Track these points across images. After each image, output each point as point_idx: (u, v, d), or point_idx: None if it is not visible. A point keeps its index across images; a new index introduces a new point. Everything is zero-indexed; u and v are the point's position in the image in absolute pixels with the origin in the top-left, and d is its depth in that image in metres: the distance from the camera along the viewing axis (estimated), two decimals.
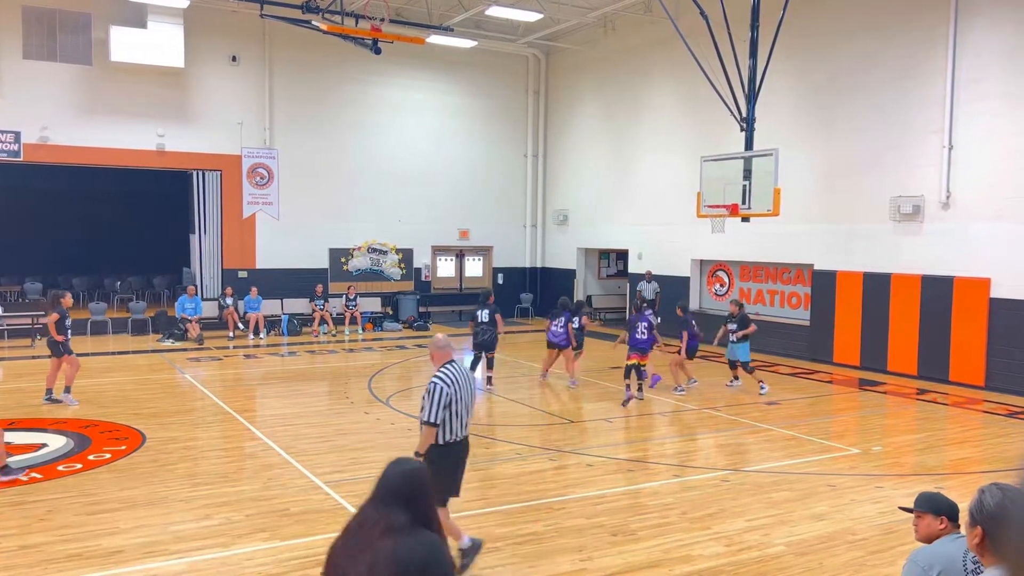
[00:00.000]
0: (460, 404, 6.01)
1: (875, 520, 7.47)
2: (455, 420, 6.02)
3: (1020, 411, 12.49)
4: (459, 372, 6.12)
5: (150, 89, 20.14)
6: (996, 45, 13.99)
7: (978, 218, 14.30)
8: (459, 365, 6.18)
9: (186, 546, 6.67)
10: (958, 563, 3.44)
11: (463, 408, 6.06)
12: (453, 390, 5.96)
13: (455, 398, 5.97)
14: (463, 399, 6.05)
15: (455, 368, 6.12)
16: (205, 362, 16.59)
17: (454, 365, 6.14)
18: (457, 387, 6.00)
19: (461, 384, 6.05)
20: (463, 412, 6.07)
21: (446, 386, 5.94)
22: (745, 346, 13.61)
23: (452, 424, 6.01)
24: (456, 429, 6.05)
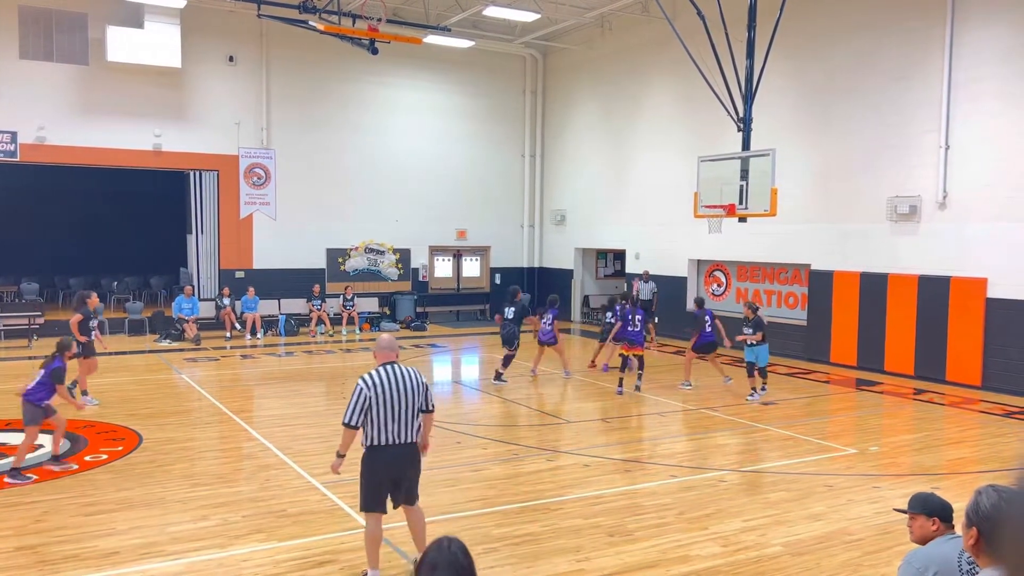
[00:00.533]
0: (384, 409, 5.70)
1: (872, 520, 7.48)
2: (379, 425, 5.72)
3: (1016, 411, 12.51)
4: (391, 376, 5.79)
5: (147, 89, 20.11)
6: (992, 46, 14.01)
7: (975, 218, 14.32)
8: (397, 369, 5.85)
9: (183, 547, 6.66)
10: (953, 564, 3.44)
11: (388, 414, 5.71)
12: (373, 394, 5.70)
13: (376, 403, 5.69)
14: (388, 404, 5.71)
15: (388, 371, 5.81)
16: (202, 362, 16.57)
17: (388, 368, 5.83)
18: (380, 391, 5.71)
19: (387, 388, 5.72)
20: (388, 418, 5.72)
21: (365, 388, 5.71)
22: (763, 349, 13.10)
23: (375, 428, 5.73)
24: (381, 434, 5.73)
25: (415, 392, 5.85)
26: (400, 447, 5.81)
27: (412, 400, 5.82)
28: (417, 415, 5.89)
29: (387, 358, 5.92)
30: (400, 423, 5.77)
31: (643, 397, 13.34)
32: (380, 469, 5.82)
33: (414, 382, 5.88)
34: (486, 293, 25.46)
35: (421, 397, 5.90)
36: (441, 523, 7.28)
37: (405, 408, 5.78)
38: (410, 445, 5.88)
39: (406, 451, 5.86)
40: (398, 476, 5.88)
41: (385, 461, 5.80)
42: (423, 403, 5.93)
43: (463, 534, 6.95)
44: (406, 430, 5.81)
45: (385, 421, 5.72)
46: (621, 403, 13.12)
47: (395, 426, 5.75)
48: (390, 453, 5.78)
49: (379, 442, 5.75)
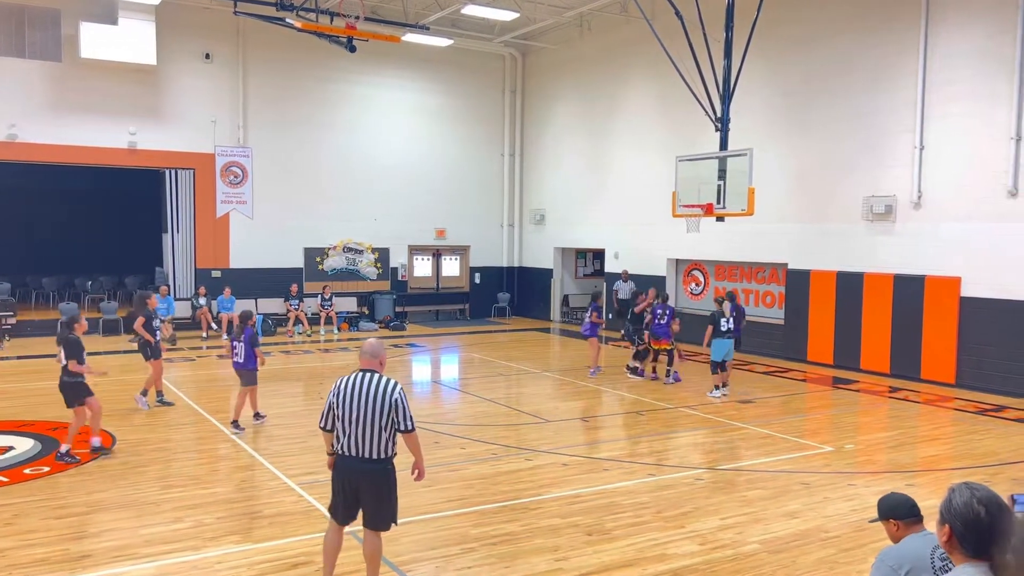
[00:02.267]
0: (341, 417, 5.42)
1: (848, 518, 7.53)
2: (338, 432, 5.47)
3: (990, 408, 12.66)
4: (356, 385, 5.45)
5: (121, 87, 19.87)
6: (966, 48, 14.16)
7: (949, 218, 14.47)
8: (367, 379, 5.46)
9: (156, 550, 6.57)
10: (926, 560, 3.45)
11: (344, 422, 5.41)
12: (336, 399, 5.46)
13: (335, 409, 5.46)
14: (345, 413, 5.40)
15: (357, 379, 5.49)
16: (178, 362, 16.40)
17: (359, 376, 5.50)
18: (341, 398, 5.43)
19: (347, 396, 5.42)
20: (345, 427, 5.41)
21: (332, 394, 5.51)
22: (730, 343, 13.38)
23: (336, 435, 5.50)
24: (339, 442, 5.48)
25: (379, 407, 5.38)
26: (356, 460, 5.42)
27: (375, 414, 5.37)
28: (384, 431, 5.40)
29: (366, 365, 5.60)
30: (357, 435, 5.38)
31: (624, 396, 13.38)
32: (339, 478, 5.54)
33: (382, 395, 5.40)
34: (465, 293, 25.41)
35: (389, 414, 5.40)
36: (419, 523, 7.25)
37: (363, 421, 5.37)
38: (372, 461, 5.41)
39: (364, 467, 5.42)
40: (355, 489, 5.49)
41: (342, 471, 5.51)
42: (399, 422, 5.44)
43: (440, 534, 6.97)
44: (366, 445, 5.38)
45: (344, 430, 5.43)
46: (599, 402, 13.15)
47: (354, 437, 5.39)
48: (349, 464, 5.46)
49: (339, 450, 5.51)
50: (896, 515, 3.80)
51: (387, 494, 5.53)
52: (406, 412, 5.46)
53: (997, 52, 13.66)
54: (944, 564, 3.27)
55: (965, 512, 2.67)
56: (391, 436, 5.45)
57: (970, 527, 2.66)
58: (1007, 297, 13.63)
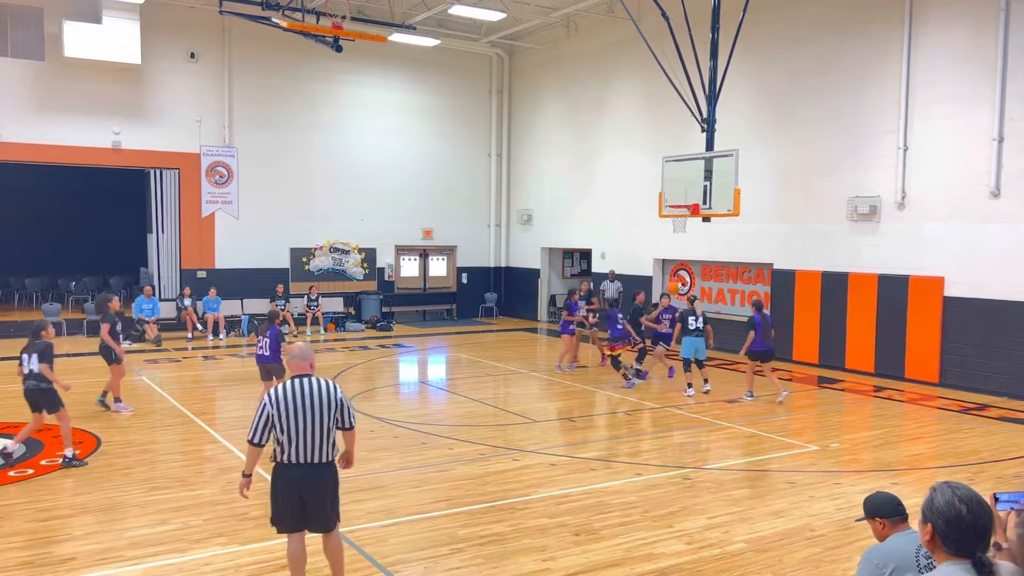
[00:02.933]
0: (289, 426, 5.25)
1: (833, 516, 7.58)
2: (284, 443, 5.28)
3: (972, 407, 12.78)
4: (299, 390, 5.31)
5: (105, 86, 19.74)
6: (948, 49, 14.28)
7: (932, 218, 14.60)
8: (308, 383, 5.36)
9: (141, 552, 6.54)
10: (911, 559, 3.49)
11: (293, 431, 5.25)
12: (276, 410, 5.26)
13: (280, 419, 5.25)
14: (294, 421, 5.25)
15: (296, 385, 5.34)
16: (163, 364, 16.31)
17: (298, 382, 5.36)
18: (285, 407, 5.26)
19: (293, 404, 5.27)
20: (294, 436, 5.25)
21: (268, 404, 5.29)
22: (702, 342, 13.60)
23: (281, 446, 5.31)
24: (286, 452, 5.30)
25: (327, 408, 5.32)
26: (308, 467, 5.30)
27: (323, 417, 5.30)
28: (331, 433, 5.37)
29: (299, 369, 5.44)
30: (308, 442, 5.27)
31: (612, 396, 13.43)
32: (287, 489, 5.34)
33: (327, 397, 5.35)
34: (453, 293, 25.39)
35: (336, 413, 5.38)
36: (407, 524, 7.25)
37: (314, 426, 5.27)
38: (321, 466, 5.34)
39: (315, 472, 5.33)
40: (305, 498, 5.35)
41: (291, 481, 5.32)
42: (340, 420, 5.42)
43: (428, 535, 6.97)
44: (316, 449, 5.29)
45: (290, 439, 5.25)
46: (587, 402, 13.18)
47: (302, 445, 5.26)
48: (296, 472, 5.31)
49: (285, 459, 5.32)
50: (881, 514, 3.85)
51: (333, 496, 5.50)
52: (350, 410, 5.51)
53: (979, 53, 13.78)
54: (928, 562, 3.31)
55: (947, 511, 2.71)
56: (333, 437, 5.43)
57: (952, 526, 2.69)
58: (989, 297, 13.76)
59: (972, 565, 2.63)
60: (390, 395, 13.95)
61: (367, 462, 9.27)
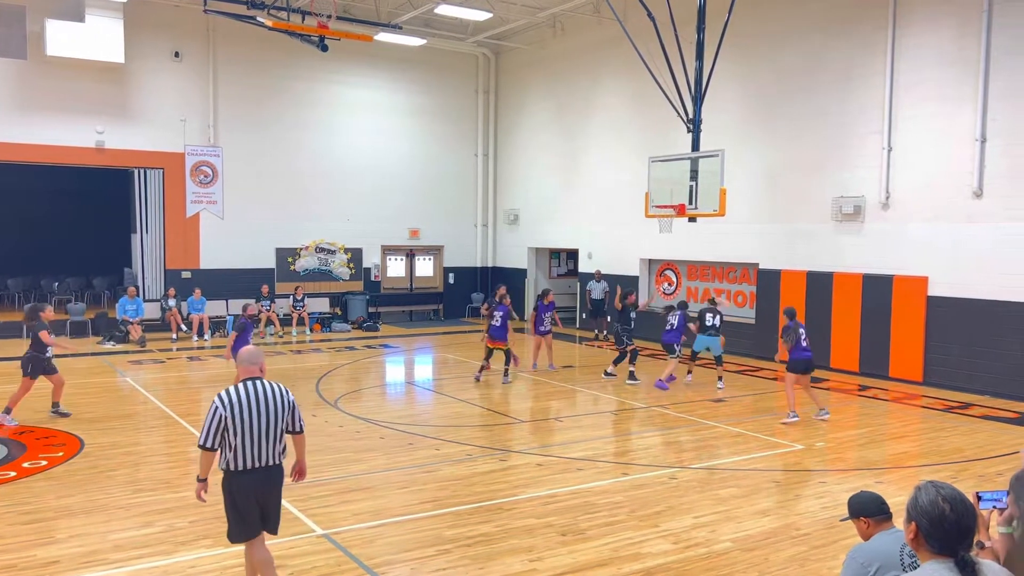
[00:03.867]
0: (242, 430, 5.15)
1: (818, 515, 7.62)
2: (237, 447, 5.17)
3: (956, 406, 12.88)
4: (251, 393, 5.22)
5: (88, 85, 19.58)
6: (932, 50, 14.39)
7: (916, 218, 14.70)
8: (259, 386, 5.27)
9: (126, 555, 6.49)
10: (895, 558, 3.51)
11: (247, 435, 5.16)
12: (229, 414, 5.15)
13: (233, 423, 5.15)
14: (247, 425, 5.16)
15: (248, 388, 5.24)
16: (147, 365, 16.21)
17: (249, 385, 5.26)
18: (238, 410, 5.15)
19: (246, 407, 5.17)
20: (248, 440, 5.17)
21: (221, 407, 5.16)
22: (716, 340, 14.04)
23: (234, 451, 5.19)
24: (240, 458, 5.19)
25: (280, 411, 5.29)
26: (263, 471, 5.27)
27: (276, 420, 5.26)
28: (282, 436, 5.34)
29: (249, 373, 5.34)
30: (262, 445, 5.22)
31: (597, 395, 13.46)
32: (245, 496, 5.26)
33: (279, 400, 5.30)
34: (439, 293, 25.36)
35: (288, 416, 5.34)
36: (393, 525, 7.23)
37: (268, 429, 5.23)
38: (273, 468, 5.32)
39: (270, 474, 5.31)
40: (262, 502, 5.32)
41: (248, 487, 5.25)
42: (290, 423, 5.37)
43: (415, 536, 6.96)
44: (269, 452, 5.27)
45: (244, 443, 5.17)
46: (574, 402, 13.20)
47: (256, 448, 5.20)
48: (253, 478, 5.24)
49: (239, 466, 5.21)
50: (866, 513, 3.87)
51: (280, 497, 5.53)
52: (299, 413, 5.48)
53: (963, 54, 13.90)
54: (912, 561, 3.33)
55: (931, 510, 2.73)
56: (283, 439, 5.41)
57: (935, 524, 2.71)
58: (973, 296, 13.87)
59: (955, 564, 2.65)
60: (376, 396, 13.92)
61: (353, 463, 9.25)
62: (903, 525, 2.89)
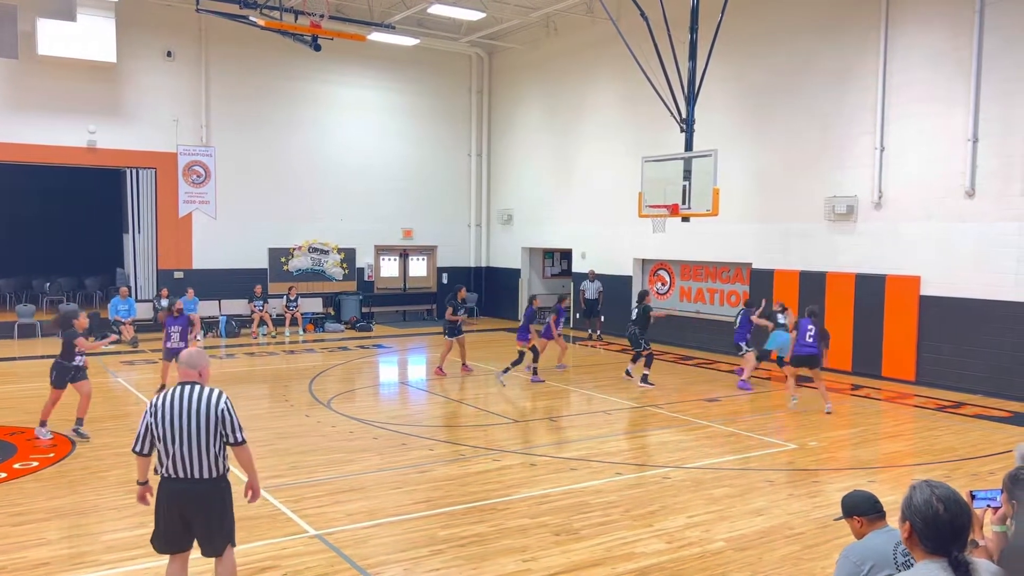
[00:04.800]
0: (165, 437, 4.97)
1: (812, 514, 7.63)
2: (161, 454, 5.01)
3: (948, 405, 12.91)
4: (177, 399, 5.00)
5: (80, 84, 19.50)
6: (924, 50, 14.43)
7: (908, 218, 14.74)
8: (189, 392, 5.02)
9: (117, 556, 6.46)
10: (889, 557, 3.52)
11: (169, 442, 4.96)
12: (154, 419, 5.00)
13: (156, 429, 4.99)
14: (169, 432, 4.95)
15: (177, 394, 5.03)
16: (139, 365, 16.14)
17: (179, 390, 5.05)
18: (161, 416, 4.98)
19: (169, 413, 4.97)
20: (171, 447, 4.96)
21: (148, 414, 5.03)
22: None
23: (159, 458, 5.03)
24: (164, 465, 5.01)
25: (205, 421, 4.96)
26: (187, 483, 4.99)
27: (200, 429, 4.96)
28: (212, 447, 5.00)
29: (185, 377, 5.11)
30: (182, 455, 4.96)
31: (591, 395, 13.46)
32: (167, 505, 5.06)
33: (205, 409, 4.98)
34: (433, 293, 25.33)
35: (216, 427, 5.00)
36: (387, 525, 7.22)
37: (191, 438, 4.95)
38: (202, 482, 5.00)
39: (196, 488, 5.00)
40: (187, 516, 5.05)
41: (170, 496, 5.03)
42: (227, 435, 5.04)
43: (409, 536, 6.94)
44: (195, 464, 4.97)
45: (167, 450, 4.97)
46: (567, 402, 13.19)
47: (179, 457, 4.96)
48: (176, 488, 5.01)
49: (164, 473, 5.03)
50: (858, 512, 3.87)
51: (222, 514, 5.14)
52: (234, 423, 5.06)
53: (955, 55, 13.93)
54: (906, 560, 3.33)
55: (925, 509, 2.73)
56: (221, 452, 5.06)
57: (930, 524, 2.71)
58: (965, 296, 13.91)
59: (949, 563, 2.65)
60: (370, 396, 13.89)
61: (347, 463, 9.23)
62: (898, 524, 2.89)
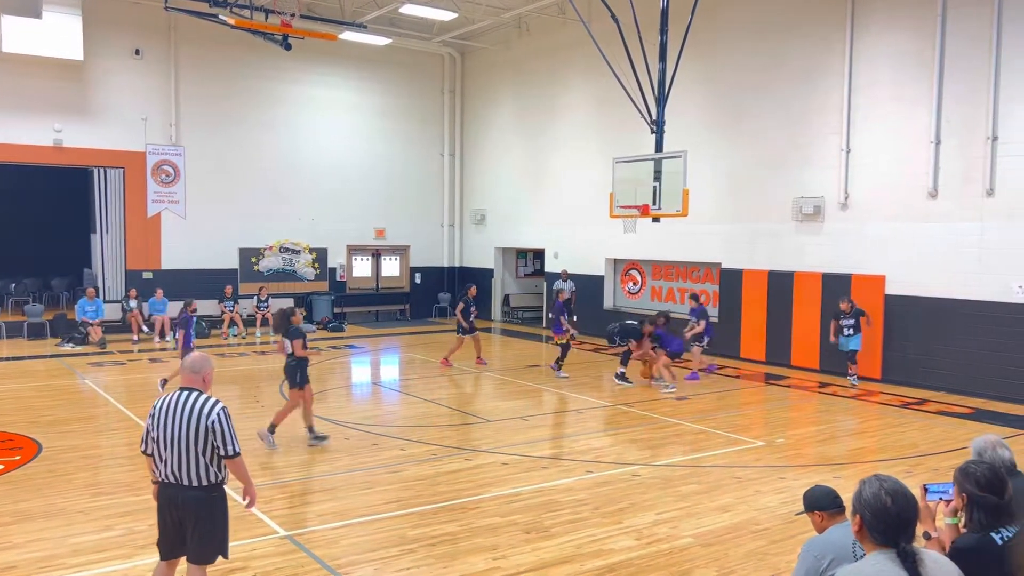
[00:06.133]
0: (159, 440, 5.00)
1: (778, 510, 7.76)
2: (156, 457, 5.04)
3: (912, 402, 13.16)
4: (172, 405, 5.01)
5: (47, 82, 19.23)
6: (888, 52, 14.69)
7: (874, 218, 14.99)
8: (185, 398, 5.00)
9: (85, 559, 6.41)
10: (848, 549, 3.62)
11: (162, 446, 4.98)
12: (152, 422, 5.04)
13: (153, 431, 5.02)
14: (161, 436, 4.97)
15: (175, 399, 5.03)
16: (108, 367, 15.96)
17: (178, 395, 5.04)
18: (158, 420, 5.01)
19: (164, 418, 4.99)
20: (163, 451, 4.98)
21: (149, 416, 5.09)
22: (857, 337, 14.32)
23: (156, 462, 5.06)
24: (160, 469, 5.03)
25: (195, 430, 4.92)
26: (177, 488, 4.99)
27: (188, 437, 4.92)
28: (202, 456, 4.96)
29: (186, 382, 5.12)
30: (173, 460, 4.96)
31: (565, 394, 13.54)
32: (161, 508, 5.11)
33: (197, 418, 4.94)
34: (406, 293, 25.29)
35: (207, 438, 4.94)
36: (357, 526, 7.23)
37: (182, 445, 4.94)
38: (192, 489, 4.97)
39: (187, 495, 4.98)
40: (179, 521, 5.03)
41: (164, 500, 5.06)
42: (219, 447, 4.97)
43: (379, 536, 6.96)
44: (184, 470, 4.96)
45: (160, 455, 5.01)
46: (540, 401, 13.26)
47: (170, 463, 4.97)
48: (168, 492, 5.03)
49: (160, 477, 5.07)
50: (819, 507, 3.98)
51: (211, 524, 5.07)
52: (226, 435, 4.98)
53: (919, 56, 14.20)
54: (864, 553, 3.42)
55: (874, 502, 2.82)
56: (214, 461, 5.01)
57: (878, 516, 2.80)
58: (927, 295, 14.18)
59: (897, 554, 2.74)
60: (341, 397, 13.86)
61: (318, 464, 9.23)
62: (850, 517, 2.98)
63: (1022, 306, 13.02)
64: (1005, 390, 13.11)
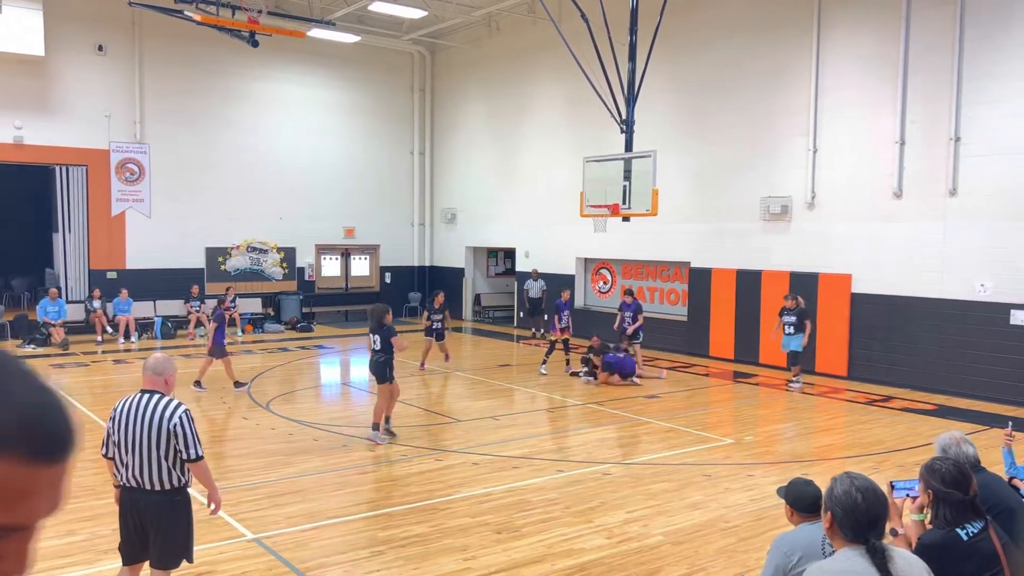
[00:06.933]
0: (119, 443, 4.90)
1: (747, 507, 7.81)
2: (118, 461, 4.94)
3: (878, 399, 13.34)
4: (132, 407, 4.91)
5: (6, 78, 18.81)
6: (854, 53, 14.88)
7: (840, 218, 15.18)
8: (145, 400, 4.91)
9: (48, 564, 6.27)
10: (817, 547, 3.63)
11: (122, 449, 4.88)
12: (112, 424, 4.95)
13: (114, 434, 4.93)
14: (121, 439, 4.88)
15: (134, 401, 4.93)
16: (70, 368, 15.67)
17: (138, 397, 4.94)
18: (117, 423, 4.92)
19: (123, 420, 4.89)
20: (123, 455, 4.88)
21: (109, 419, 5.00)
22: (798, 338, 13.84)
23: (117, 466, 4.96)
24: (122, 473, 4.93)
25: (156, 433, 4.82)
26: (139, 492, 4.90)
27: (148, 440, 4.82)
28: (163, 460, 4.85)
29: (147, 383, 4.99)
30: (133, 464, 4.86)
31: (535, 394, 13.54)
32: (122, 512, 5.02)
33: (158, 421, 4.83)
34: (376, 292, 25.11)
35: (169, 441, 4.84)
36: (326, 528, 7.15)
37: (142, 449, 4.83)
38: (153, 493, 4.88)
39: (149, 499, 4.89)
40: (142, 525, 4.95)
41: (125, 504, 4.98)
42: (181, 451, 4.87)
43: (348, 538, 6.90)
44: (144, 474, 4.86)
45: (120, 458, 4.91)
46: (511, 400, 13.25)
47: (131, 467, 4.88)
48: (130, 496, 4.95)
49: (120, 481, 4.99)
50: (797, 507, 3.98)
51: (174, 529, 4.99)
52: (188, 439, 4.87)
53: (884, 58, 14.39)
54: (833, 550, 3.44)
55: (845, 499, 2.84)
56: (176, 464, 4.90)
57: (849, 513, 2.82)
58: (892, 293, 14.39)
59: (867, 550, 2.76)
60: (310, 397, 13.73)
61: (286, 466, 9.12)
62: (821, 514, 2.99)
63: (984, 304, 13.26)
64: (968, 387, 13.34)
